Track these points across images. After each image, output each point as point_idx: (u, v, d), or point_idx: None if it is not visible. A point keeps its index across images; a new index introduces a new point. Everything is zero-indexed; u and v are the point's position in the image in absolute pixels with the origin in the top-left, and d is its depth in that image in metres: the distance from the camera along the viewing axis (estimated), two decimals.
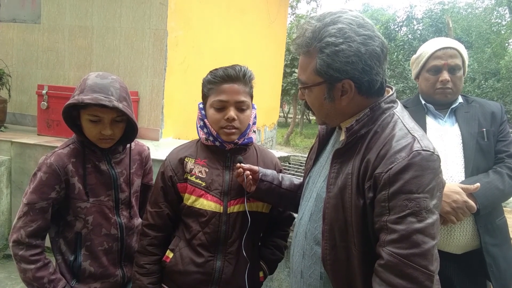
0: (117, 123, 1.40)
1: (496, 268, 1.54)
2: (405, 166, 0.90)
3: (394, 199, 0.90)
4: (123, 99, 1.37)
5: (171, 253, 1.37)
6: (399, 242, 0.88)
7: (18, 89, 4.05)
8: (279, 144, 12.27)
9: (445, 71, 1.65)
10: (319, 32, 0.99)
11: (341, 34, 0.97)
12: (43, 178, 1.34)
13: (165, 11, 3.63)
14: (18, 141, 3.22)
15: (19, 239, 1.32)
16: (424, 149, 0.92)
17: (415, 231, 0.87)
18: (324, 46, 0.98)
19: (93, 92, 1.32)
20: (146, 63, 3.73)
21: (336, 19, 0.99)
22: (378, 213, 0.93)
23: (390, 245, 0.89)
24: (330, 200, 1.05)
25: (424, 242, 0.87)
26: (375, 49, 0.99)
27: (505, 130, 1.64)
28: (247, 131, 1.39)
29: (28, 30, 4.04)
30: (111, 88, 1.35)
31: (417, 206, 0.88)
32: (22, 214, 1.34)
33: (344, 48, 0.96)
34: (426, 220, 0.88)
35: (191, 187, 1.34)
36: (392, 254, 0.88)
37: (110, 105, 1.31)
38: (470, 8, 21.66)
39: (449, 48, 1.65)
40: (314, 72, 1.02)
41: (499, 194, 1.52)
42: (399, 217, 0.89)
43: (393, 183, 0.90)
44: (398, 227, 0.89)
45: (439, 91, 1.66)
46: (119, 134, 1.43)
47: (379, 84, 1.02)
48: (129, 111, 1.36)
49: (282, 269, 2.32)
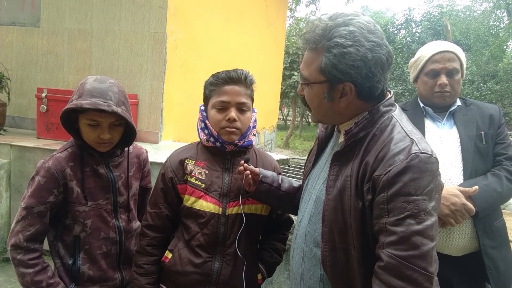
0: (116, 127, 1.40)
1: (495, 270, 1.54)
2: (404, 169, 0.91)
3: (393, 201, 0.91)
4: (122, 103, 1.37)
5: (170, 253, 1.38)
6: (399, 244, 0.89)
7: (18, 92, 4.05)
8: (278, 147, 12.27)
9: (443, 75, 1.65)
10: (330, 31, 0.99)
11: (351, 37, 0.97)
12: (41, 182, 1.34)
13: (165, 14, 3.64)
14: (18, 144, 3.22)
15: (17, 243, 1.32)
16: (422, 151, 0.93)
17: (414, 233, 0.88)
18: (332, 46, 0.98)
19: (92, 96, 1.31)
20: (145, 66, 3.74)
21: (348, 21, 0.99)
22: (377, 215, 0.94)
23: (389, 247, 0.90)
24: (330, 202, 1.05)
25: (423, 244, 0.88)
26: (381, 57, 0.99)
27: (503, 132, 1.64)
28: (248, 133, 1.40)
29: (28, 34, 4.04)
30: (109, 92, 1.34)
31: (416, 208, 0.89)
32: (20, 218, 1.33)
33: (352, 51, 0.96)
34: (425, 222, 0.88)
35: (190, 188, 1.35)
36: (391, 256, 0.89)
37: (109, 110, 1.31)
38: (469, 11, 21.75)
39: (447, 52, 1.65)
40: (318, 70, 1.02)
41: (497, 196, 1.53)
42: (398, 219, 0.89)
43: (391, 186, 0.91)
44: (397, 229, 0.89)
45: (438, 94, 1.67)
46: (118, 138, 1.43)
47: (379, 91, 1.03)
48: (127, 116, 1.36)
49: (281, 272, 2.32)
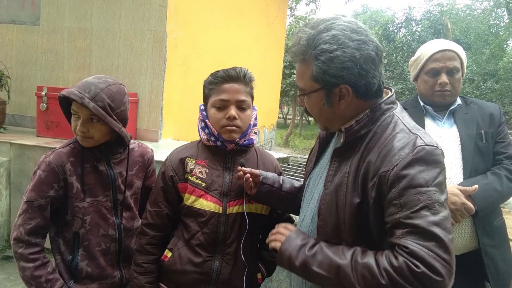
0: (94, 123, 1.36)
1: (495, 269, 1.54)
2: (410, 161, 0.90)
3: (404, 195, 0.88)
4: (101, 100, 1.31)
5: (170, 252, 1.38)
6: (418, 234, 0.84)
7: (17, 90, 4.05)
8: (278, 145, 12.27)
9: (443, 74, 1.65)
10: (314, 39, 1.00)
11: (335, 40, 0.98)
12: (41, 176, 1.35)
13: (165, 12, 3.64)
14: (17, 142, 3.22)
15: (19, 237, 1.33)
16: (427, 144, 0.93)
17: (432, 223, 0.84)
18: (319, 54, 0.99)
19: (76, 87, 1.32)
20: (145, 64, 3.73)
21: (329, 25, 1.00)
22: (391, 212, 0.90)
23: (409, 238, 0.85)
24: (326, 197, 1.06)
25: (444, 235, 0.84)
26: (370, 53, 0.99)
27: (504, 131, 1.64)
28: (248, 131, 1.39)
29: (28, 32, 4.04)
30: (92, 86, 1.31)
31: (430, 199, 0.86)
32: (21, 212, 1.35)
33: (339, 54, 0.97)
34: (440, 213, 0.86)
35: (191, 187, 1.35)
36: (415, 245, 0.83)
37: (79, 101, 1.28)
38: (469, 9, 21.72)
39: (447, 51, 1.65)
40: (311, 79, 1.03)
41: (497, 195, 1.53)
42: (413, 212, 0.86)
43: (401, 179, 0.89)
44: (414, 222, 0.85)
45: (438, 93, 1.67)
46: (98, 134, 1.38)
47: (376, 86, 1.03)
48: (101, 113, 1.30)
49: (281, 270, 2.32)
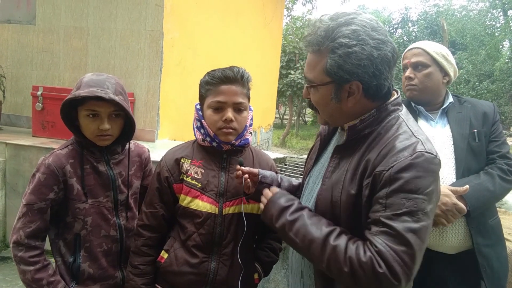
0: (115, 118, 1.40)
1: (489, 268, 1.54)
2: (407, 165, 0.90)
3: (392, 196, 0.89)
4: (119, 93, 1.37)
5: (166, 253, 1.37)
6: (392, 236, 0.87)
7: (13, 90, 4.03)
8: (275, 146, 12.27)
9: (408, 69, 1.71)
10: (333, 31, 0.98)
11: (355, 36, 0.96)
12: (41, 179, 1.34)
13: (161, 12, 3.63)
14: (13, 142, 3.20)
15: (19, 240, 1.32)
16: (427, 151, 0.93)
17: (410, 230, 0.86)
18: (336, 47, 0.97)
19: (89, 86, 1.33)
20: (142, 64, 3.73)
21: (350, 20, 0.98)
22: (375, 209, 0.92)
23: (382, 236, 0.88)
24: (323, 192, 1.06)
25: (416, 244, 0.86)
26: (387, 54, 0.98)
27: (497, 130, 1.63)
28: (244, 132, 1.39)
29: (23, 31, 4.02)
30: (106, 82, 1.36)
31: (415, 207, 0.87)
32: (21, 215, 1.34)
33: (357, 50, 0.95)
34: (421, 222, 0.87)
35: (186, 188, 1.34)
36: (383, 245, 0.86)
37: (106, 97, 1.30)
38: (465, 10, 21.84)
39: (414, 48, 1.73)
40: (323, 72, 1.01)
41: (489, 195, 1.53)
42: (395, 214, 0.88)
43: (394, 181, 0.90)
44: (392, 223, 0.87)
45: (406, 88, 1.73)
46: (117, 130, 1.43)
47: (386, 89, 1.02)
48: (126, 105, 1.36)
49: (278, 270, 2.33)
